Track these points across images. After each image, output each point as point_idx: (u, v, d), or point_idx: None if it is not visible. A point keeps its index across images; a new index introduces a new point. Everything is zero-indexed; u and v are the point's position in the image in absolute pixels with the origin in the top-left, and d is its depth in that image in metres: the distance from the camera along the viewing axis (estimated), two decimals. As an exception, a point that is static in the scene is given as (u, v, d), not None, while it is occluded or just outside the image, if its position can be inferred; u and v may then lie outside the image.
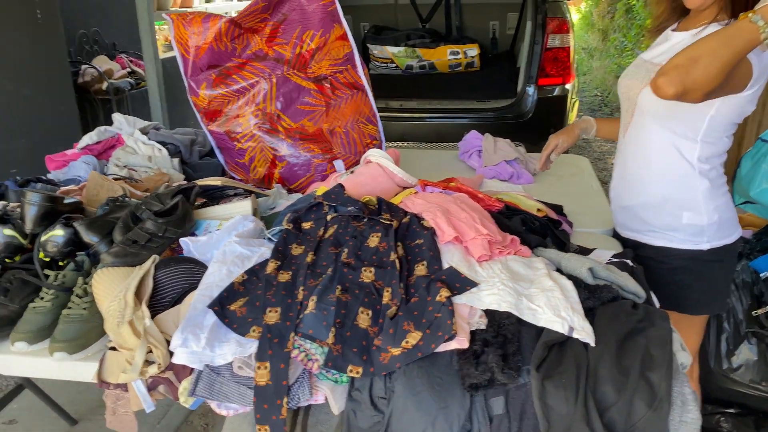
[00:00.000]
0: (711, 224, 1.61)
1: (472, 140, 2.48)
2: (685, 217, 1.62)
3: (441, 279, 1.27)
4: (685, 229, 1.62)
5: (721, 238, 1.63)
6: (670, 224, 1.64)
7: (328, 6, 2.00)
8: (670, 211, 1.64)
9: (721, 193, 1.63)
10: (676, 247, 1.65)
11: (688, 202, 1.61)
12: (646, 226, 1.70)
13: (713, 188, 1.60)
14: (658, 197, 1.65)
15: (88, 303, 1.34)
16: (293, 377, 1.15)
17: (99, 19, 4.78)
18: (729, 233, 1.64)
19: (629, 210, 1.74)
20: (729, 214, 1.64)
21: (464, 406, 1.10)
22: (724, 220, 1.62)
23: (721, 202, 1.62)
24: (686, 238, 1.63)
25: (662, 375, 1.10)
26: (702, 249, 1.63)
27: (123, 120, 2.31)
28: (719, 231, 1.62)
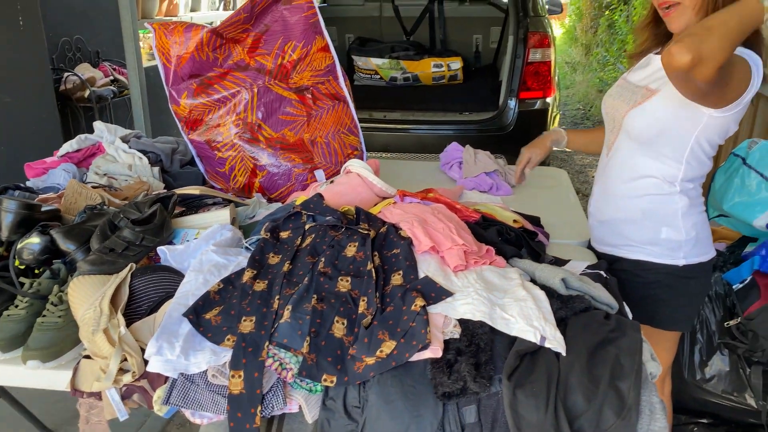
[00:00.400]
0: (688, 240, 1.64)
1: (453, 152, 2.50)
2: (663, 232, 1.65)
3: (417, 288, 1.28)
4: (663, 243, 1.65)
5: (697, 255, 1.66)
6: (650, 239, 1.67)
7: (311, 18, 2.02)
8: (649, 226, 1.66)
9: (699, 211, 1.66)
10: (653, 261, 1.68)
11: (667, 218, 1.64)
12: (624, 240, 1.72)
13: (692, 206, 1.64)
14: (639, 213, 1.67)
15: (63, 311, 1.34)
16: (267, 386, 1.16)
17: (82, 27, 4.76)
18: (705, 251, 1.67)
19: (608, 224, 1.76)
20: (705, 232, 1.68)
21: (437, 414, 1.11)
22: (701, 238, 1.66)
23: (699, 220, 1.65)
24: (664, 252, 1.66)
25: (631, 384, 1.12)
26: (678, 264, 1.65)
27: (104, 128, 2.30)
28: (695, 248, 1.65)
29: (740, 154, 2.14)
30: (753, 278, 1.95)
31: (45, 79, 3.85)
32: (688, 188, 1.63)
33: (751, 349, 1.84)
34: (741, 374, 1.91)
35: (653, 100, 1.56)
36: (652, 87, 1.57)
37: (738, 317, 1.91)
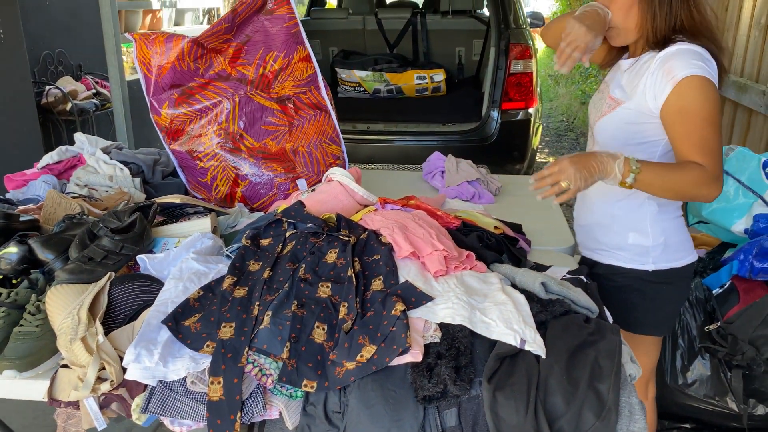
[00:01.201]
0: (656, 246, 1.64)
1: (436, 161, 2.52)
2: (631, 237, 1.66)
3: (397, 293, 1.28)
4: (631, 248, 1.66)
5: (668, 261, 1.65)
6: (618, 243, 1.68)
7: (292, 28, 2.03)
8: (617, 231, 1.68)
9: (672, 217, 1.66)
10: (622, 265, 1.68)
11: (635, 223, 1.65)
12: (597, 244, 1.74)
13: (661, 212, 1.64)
14: (608, 217, 1.69)
15: (41, 320, 1.32)
16: (247, 392, 1.15)
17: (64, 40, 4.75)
18: (677, 257, 1.67)
19: (585, 228, 1.79)
20: (678, 238, 1.67)
21: (417, 418, 1.11)
22: (671, 244, 1.65)
23: (669, 226, 1.65)
24: (632, 257, 1.67)
25: (610, 385, 1.12)
26: (647, 269, 1.66)
27: (85, 139, 2.29)
28: (665, 253, 1.65)
29: (717, 161, 2.17)
30: (732, 283, 1.97)
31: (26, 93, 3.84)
32: None
33: (731, 352, 1.86)
34: (722, 378, 1.93)
35: (618, 110, 1.59)
36: (617, 97, 1.60)
37: (718, 321, 1.92)
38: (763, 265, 1.88)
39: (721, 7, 3.64)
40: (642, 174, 1.39)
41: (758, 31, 3.21)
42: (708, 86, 1.44)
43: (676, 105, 1.46)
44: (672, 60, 1.46)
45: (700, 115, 1.43)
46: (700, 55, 1.46)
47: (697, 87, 1.44)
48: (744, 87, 3.22)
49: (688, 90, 1.44)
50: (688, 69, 1.44)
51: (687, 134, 1.45)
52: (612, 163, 1.38)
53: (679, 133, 1.46)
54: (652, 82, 1.50)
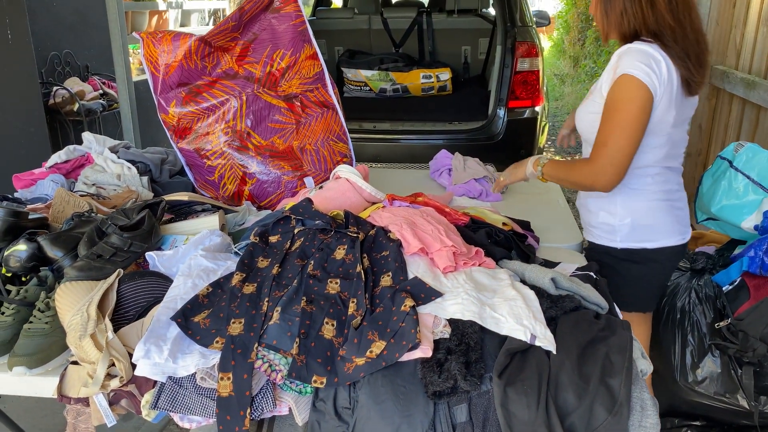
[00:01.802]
0: (622, 225, 1.77)
1: (443, 159, 2.51)
2: (601, 216, 1.81)
3: (406, 289, 1.28)
4: (600, 226, 1.82)
5: (636, 241, 1.77)
6: (590, 221, 1.87)
7: (299, 26, 2.03)
8: (591, 210, 1.85)
9: (644, 200, 1.75)
10: (595, 241, 1.86)
11: (605, 204, 1.79)
12: (583, 223, 1.94)
13: (633, 196, 1.74)
14: (585, 197, 1.88)
15: (50, 317, 1.33)
16: (257, 388, 1.15)
17: (71, 41, 4.77)
18: (645, 238, 1.77)
19: (579, 209, 1.97)
20: (648, 221, 1.76)
21: (428, 414, 1.11)
22: (638, 225, 1.76)
23: (638, 207, 1.76)
24: (601, 234, 1.83)
25: (622, 381, 1.12)
26: (615, 247, 1.80)
27: (92, 139, 2.30)
28: (632, 234, 1.77)
29: (727, 157, 2.15)
30: (742, 279, 1.95)
31: (34, 93, 3.85)
32: (636, 175, 1.71)
33: (741, 349, 1.84)
34: (732, 375, 1.91)
35: (588, 101, 1.75)
36: (591, 88, 1.79)
37: (728, 318, 1.91)
38: (773, 262, 1.87)
39: (729, 3, 3.62)
40: (545, 168, 1.76)
41: (766, 27, 3.19)
42: (637, 87, 1.56)
43: (607, 98, 1.62)
44: (621, 58, 1.60)
45: (617, 112, 1.59)
46: (646, 56, 1.57)
47: (626, 86, 1.57)
48: (752, 84, 3.20)
49: (619, 87, 1.58)
50: (628, 68, 1.57)
51: (602, 124, 1.62)
52: (524, 164, 1.83)
53: (602, 123, 1.62)
54: (606, 77, 1.65)
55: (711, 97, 3.80)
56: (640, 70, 1.55)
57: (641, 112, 1.58)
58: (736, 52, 3.54)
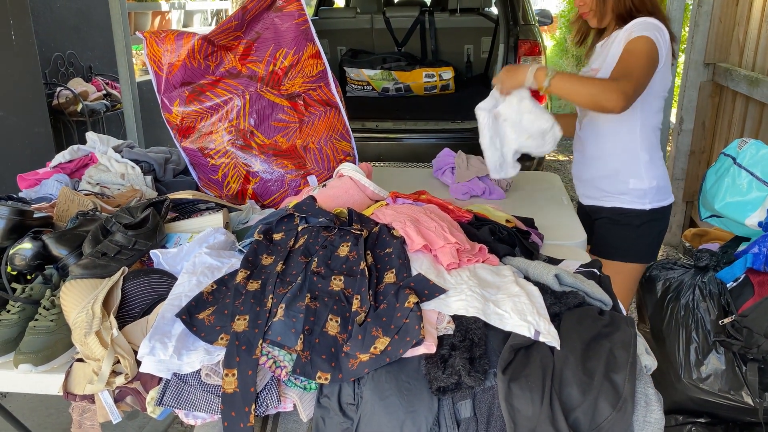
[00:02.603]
0: (651, 188, 2.04)
1: (445, 157, 2.51)
2: (631, 183, 2.04)
3: (410, 286, 1.28)
4: (631, 192, 2.05)
5: (660, 201, 2.07)
6: (621, 189, 2.06)
7: (301, 25, 2.03)
8: (620, 179, 2.05)
9: (658, 166, 2.06)
10: (625, 207, 2.07)
11: (634, 171, 2.03)
12: (602, 192, 2.12)
13: (651, 161, 2.04)
14: (611, 169, 2.07)
15: (56, 315, 1.33)
16: (261, 384, 1.15)
17: (75, 42, 4.78)
18: (665, 197, 2.09)
19: (588, 182, 2.17)
20: (664, 182, 2.08)
21: (432, 410, 1.11)
22: (661, 186, 2.06)
23: (659, 173, 2.06)
24: (633, 199, 2.06)
25: (626, 376, 1.12)
26: (645, 209, 2.06)
27: (96, 138, 2.30)
28: (657, 194, 2.06)
29: (730, 154, 2.14)
30: (746, 276, 1.94)
31: (37, 94, 3.86)
32: (647, 145, 2.02)
33: (746, 346, 1.84)
34: (737, 372, 1.90)
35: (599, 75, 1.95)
36: (595, 66, 2.02)
37: (732, 315, 1.90)
38: (777, 258, 1.86)
39: (732, 2, 3.61)
40: (556, 76, 1.76)
41: (770, 24, 3.19)
42: (649, 43, 1.82)
43: (624, 50, 1.84)
44: (634, 26, 1.87)
45: (633, 54, 1.81)
46: (656, 26, 1.85)
47: (641, 41, 1.82)
48: (756, 81, 3.19)
49: (636, 42, 1.82)
50: (642, 32, 1.83)
51: (617, 64, 1.82)
52: (526, 68, 1.82)
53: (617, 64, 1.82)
54: (617, 48, 1.89)
55: (714, 95, 3.79)
56: (654, 36, 1.82)
57: (652, 64, 1.82)
58: (739, 49, 3.53)
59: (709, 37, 3.72)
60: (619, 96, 1.69)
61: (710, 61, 3.76)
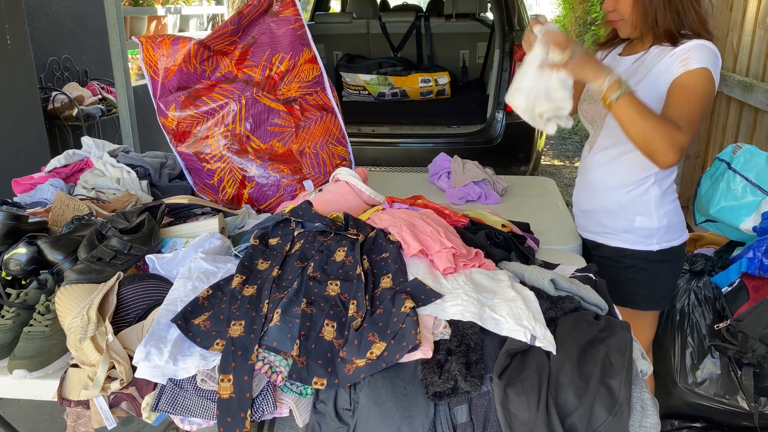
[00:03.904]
0: (660, 228, 1.79)
1: (442, 162, 2.52)
2: (637, 221, 1.80)
3: (406, 291, 1.28)
4: (638, 231, 1.80)
5: (670, 241, 1.81)
6: (625, 227, 1.82)
7: (298, 30, 2.04)
8: (625, 216, 1.81)
9: (670, 201, 1.81)
10: (629, 247, 1.83)
11: (641, 208, 1.79)
12: (603, 228, 1.87)
13: (663, 196, 1.79)
14: (615, 204, 1.82)
15: (50, 320, 1.33)
16: (257, 390, 1.15)
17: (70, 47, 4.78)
18: (677, 236, 1.83)
19: (589, 214, 1.93)
20: (676, 219, 1.82)
21: (428, 415, 1.11)
22: (672, 225, 1.81)
23: (670, 209, 1.80)
24: (638, 239, 1.81)
25: (622, 381, 1.12)
26: (652, 250, 1.81)
27: (92, 143, 2.30)
28: (667, 234, 1.80)
29: (725, 159, 2.16)
30: (741, 281, 1.96)
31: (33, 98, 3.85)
32: (662, 177, 1.77)
33: (741, 350, 1.84)
34: (732, 376, 1.91)
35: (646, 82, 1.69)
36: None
37: (727, 319, 1.91)
38: (772, 263, 1.87)
39: (726, 7, 3.64)
40: (626, 97, 1.48)
41: (763, 30, 3.21)
42: (711, 81, 1.61)
43: (680, 82, 1.61)
44: (690, 52, 1.62)
45: (695, 94, 1.59)
46: (713, 53, 1.63)
47: (704, 77, 1.60)
48: (750, 86, 3.21)
49: (695, 76, 1.60)
50: (703, 62, 1.60)
51: (677, 104, 1.58)
52: (606, 73, 1.49)
53: (671, 102, 1.60)
54: (665, 70, 1.65)
55: (709, 100, 3.80)
56: (712, 66, 1.62)
57: (709, 105, 1.65)
58: (734, 55, 3.55)
59: (703, 42, 3.74)
60: (675, 153, 1.51)
61: (704, 66, 3.77)
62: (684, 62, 1.62)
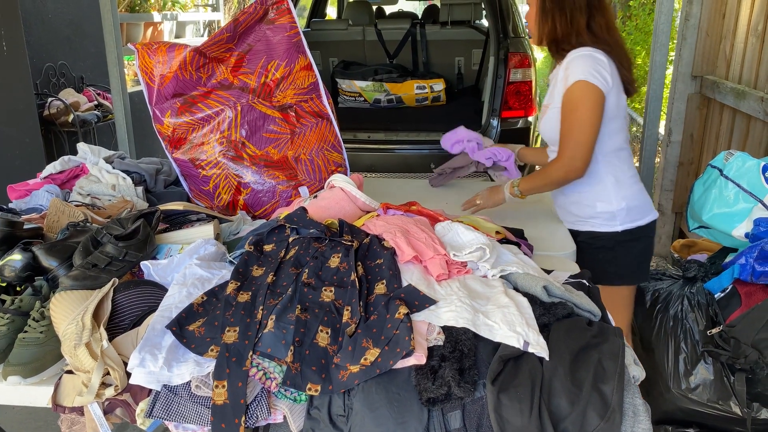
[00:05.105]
0: (620, 210, 2.03)
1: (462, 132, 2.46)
2: (598, 207, 2.04)
3: (400, 297, 1.29)
4: (600, 215, 2.05)
5: (633, 221, 2.04)
6: (590, 213, 2.07)
7: (293, 37, 2.05)
8: (587, 204, 2.06)
9: (629, 185, 2.05)
10: (597, 230, 2.07)
11: (601, 195, 2.04)
12: (574, 217, 2.12)
13: (618, 182, 2.03)
14: (576, 194, 2.08)
15: (45, 327, 1.33)
16: (251, 396, 1.15)
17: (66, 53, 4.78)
18: (639, 217, 2.06)
19: (561, 207, 2.18)
20: (636, 202, 2.05)
21: (422, 421, 1.11)
22: (633, 207, 2.04)
23: (628, 193, 2.04)
24: (603, 222, 2.06)
25: (614, 386, 1.12)
26: (617, 230, 2.05)
27: (87, 149, 2.30)
28: (629, 215, 2.04)
29: (717, 166, 2.17)
30: (733, 287, 1.97)
31: (29, 104, 3.86)
32: (615, 169, 2.02)
33: (733, 356, 1.85)
34: (725, 382, 1.92)
35: (548, 113, 2.04)
36: (545, 102, 2.08)
37: (720, 325, 1.92)
38: (764, 269, 1.88)
39: (718, 14, 3.67)
40: (521, 186, 2.04)
41: (755, 38, 3.23)
42: (592, 91, 1.86)
43: (564, 102, 1.91)
44: (571, 65, 1.89)
45: (575, 113, 1.88)
46: (593, 59, 1.88)
47: (581, 92, 1.86)
48: (742, 93, 3.23)
49: (573, 92, 1.87)
50: (579, 76, 1.86)
51: (564, 126, 1.92)
52: (502, 188, 2.09)
53: (561, 123, 1.93)
54: (560, 87, 1.93)
55: (702, 107, 3.83)
56: (588, 72, 1.85)
57: (595, 108, 1.88)
58: (726, 62, 3.58)
59: (696, 49, 3.77)
60: (574, 169, 1.90)
61: (697, 73, 3.80)
62: (565, 79, 1.90)
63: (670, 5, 2.90)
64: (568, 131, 1.90)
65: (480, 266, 1.44)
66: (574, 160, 1.89)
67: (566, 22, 1.91)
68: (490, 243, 1.48)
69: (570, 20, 1.91)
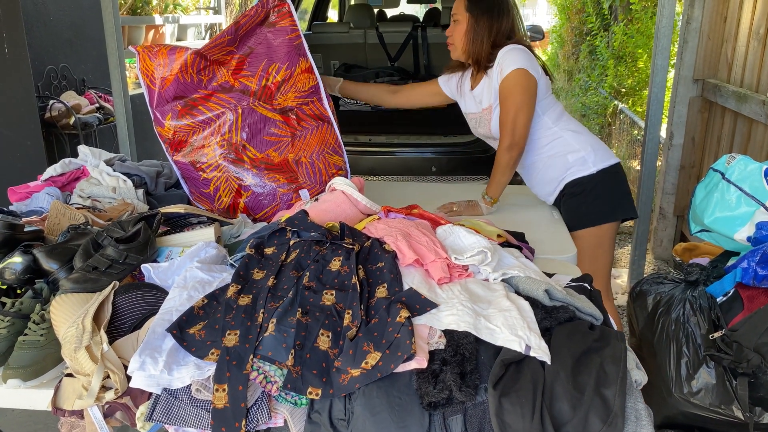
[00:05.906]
0: (588, 153, 2.27)
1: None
2: (569, 158, 2.27)
3: (401, 300, 1.28)
4: (574, 164, 2.27)
5: (603, 161, 2.28)
6: (564, 167, 2.28)
7: (294, 40, 2.05)
8: (559, 161, 2.28)
9: (585, 134, 2.31)
10: (575, 177, 2.27)
11: (566, 147, 2.27)
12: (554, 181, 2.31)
13: (576, 133, 2.29)
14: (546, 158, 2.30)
15: (45, 329, 1.33)
16: (252, 400, 1.15)
17: (68, 55, 4.79)
18: (607, 157, 2.30)
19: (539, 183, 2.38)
20: (599, 146, 2.31)
21: (423, 425, 1.11)
22: (597, 149, 2.29)
23: (589, 139, 2.30)
24: (578, 169, 2.27)
25: (616, 391, 1.12)
26: (593, 172, 2.26)
27: (88, 152, 2.30)
28: (597, 156, 2.27)
29: (719, 169, 2.16)
30: (736, 290, 1.96)
31: (30, 107, 3.86)
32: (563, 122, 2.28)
33: (736, 360, 1.84)
34: (727, 386, 1.91)
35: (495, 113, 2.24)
36: (486, 105, 2.27)
37: (722, 329, 1.91)
38: (766, 273, 1.87)
39: (720, 18, 3.67)
40: (491, 192, 2.25)
41: (757, 41, 3.23)
42: (525, 76, 2.13)
43: (500, 93, 2.17)
44: (504, 60, 2.14)
45: (510, 98, 2.14)
46: (518, 49, 2.15)
47: (516, 78, 2.12)
48: (744, 97, 3.23)
49: (509, 80, 2.13)
50: (514, 64, 2.12)
51: (501, 110, 2.18)
52: (477, 201, 2.27)
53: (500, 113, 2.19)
54: (496, 84, 2.17)
55: (703, 110, 3.83)
56: (521, 62, 2.11)
57: (530, 94, 2.15)
58: (728, 66, 3.58)
59: (698, 53, 3.77)
60: (515, 144, 2.15)
61: (699, 77, 3.80)
62: (500, 73, 2.14)
63: (671, 9, 2.90)
64: (505, 115, 2.14)
65: (481, 270, 1.43)
66: (513, 137, 2.14)
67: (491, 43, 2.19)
68: (492, 246, 1.48)
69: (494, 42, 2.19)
